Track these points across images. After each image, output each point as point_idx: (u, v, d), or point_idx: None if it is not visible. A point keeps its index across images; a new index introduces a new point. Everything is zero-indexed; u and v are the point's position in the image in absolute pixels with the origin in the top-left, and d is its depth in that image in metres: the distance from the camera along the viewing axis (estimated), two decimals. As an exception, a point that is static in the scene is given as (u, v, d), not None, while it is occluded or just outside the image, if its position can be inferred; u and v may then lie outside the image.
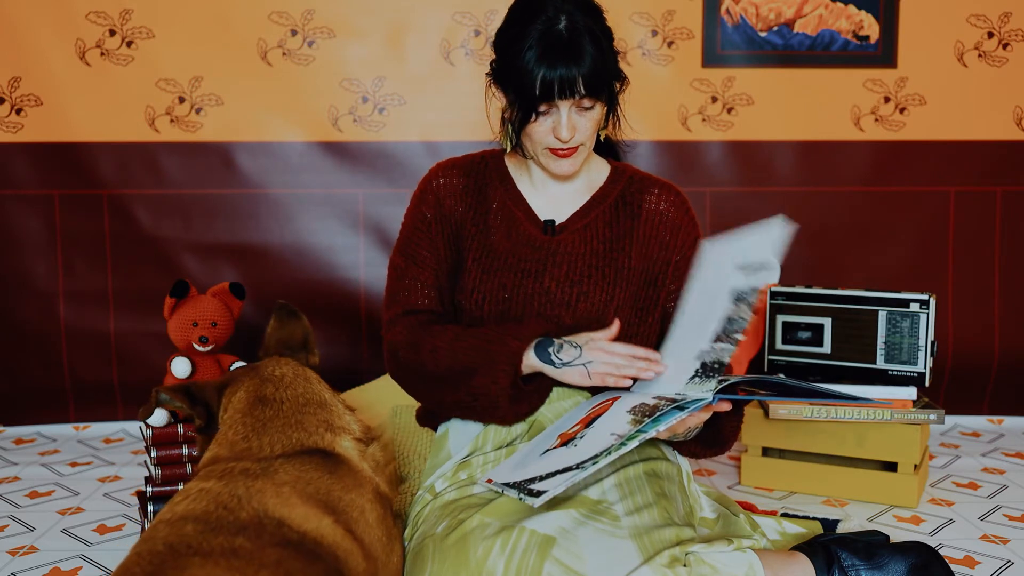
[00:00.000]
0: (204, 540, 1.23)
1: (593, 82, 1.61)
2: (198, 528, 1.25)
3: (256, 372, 1.59)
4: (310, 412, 1.52)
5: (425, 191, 1.80)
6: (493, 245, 1.75)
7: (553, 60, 1.58)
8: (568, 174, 1.72)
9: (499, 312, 1.72)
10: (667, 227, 1.79)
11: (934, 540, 2.01)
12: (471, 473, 1.68)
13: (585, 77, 1.60)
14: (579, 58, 1.59)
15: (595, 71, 1.61)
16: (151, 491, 1.95)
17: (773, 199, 2.89)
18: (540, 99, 1.61)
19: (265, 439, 1.46)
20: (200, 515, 1.28)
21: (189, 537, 1.23)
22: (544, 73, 1.59)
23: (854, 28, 2.82)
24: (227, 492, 1.32)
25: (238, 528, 1.26)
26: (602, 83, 1.64)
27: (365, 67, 2.83)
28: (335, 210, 2.87)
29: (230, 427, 1.49)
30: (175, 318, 2.07)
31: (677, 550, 1.46)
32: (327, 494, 1.39)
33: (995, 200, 2.89)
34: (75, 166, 2.80)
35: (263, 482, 1.36)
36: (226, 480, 1.36)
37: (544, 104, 1.62)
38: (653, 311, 1.79)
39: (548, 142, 1.67)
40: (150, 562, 1.19)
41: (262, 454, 1.43)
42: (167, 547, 1.22)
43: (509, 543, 1.45)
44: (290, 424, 1.49)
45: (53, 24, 2.74)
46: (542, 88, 1.59)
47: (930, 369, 2.21)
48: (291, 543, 1.28)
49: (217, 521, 1.27)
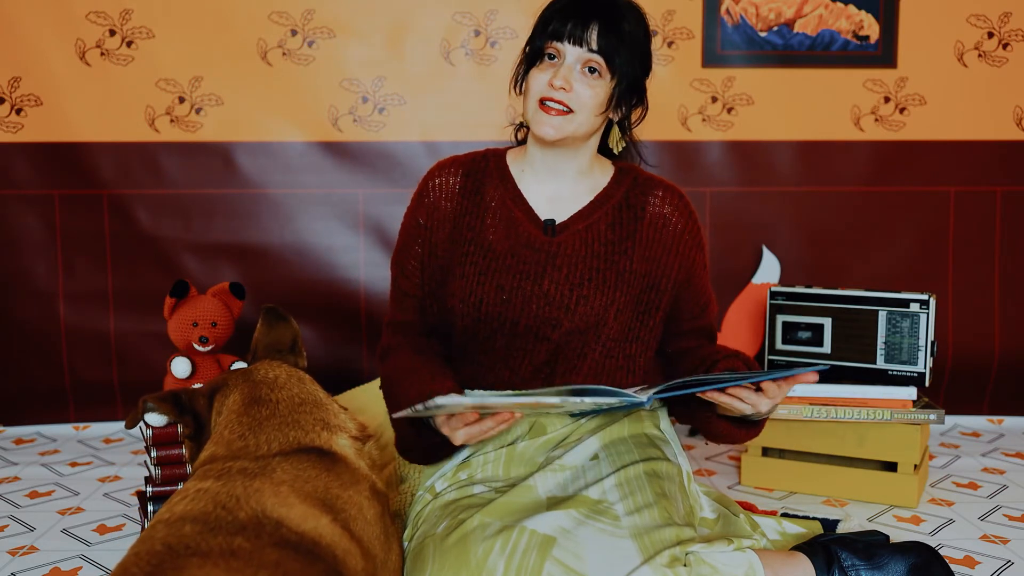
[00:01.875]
0: (203, 540, 1.23)
1: (609, 40, 1.60)
2: (196, 528, 1.25)
3: (248, 376, 1.59)
4: (306, 411, 1.53)
5: (422, 192, 1.80)
6: (491, 245, 1.73)
7: (575, 8, 1.59)
8: (549, 138, 1.67)
9: (497, 314, 1.70)
10: (669, 231, 1.77)
11: (934, 540, 2.01)
12: (471, 473, 1.68)
13: (602, 30, 1.59)
14: (602, 14, 1.59)
15: (615, 30, 1.60)
16: (151, 491, 1.95)
17: (773, 199, 2.89)
18: (550, 35, 1.60)
19: (262, 437, 1.46)
20: (198, 515, 1.28)
21: (187, 537, 1.23)
22: (562, 15, 1.59)
23: (854, 28, 2.82)
24: (225, 492, 1.32)
25: (237, 528, 1.26)
26: (618, 48, 1.62)
27: (365, 67, 2.83)
28: (335, 210, 2.87)
29: (226, 426, 1.50)
30: (175, 318, 2.07)
31: (677, 550, 1.46)
32: (325, 492, 1.40)
33: (995, 200, 2.89)
34: (75, 166, 2.80)
35: (261, 481, 1.36)
36: (224, 480, 1.36)
37: (552, 44, 1.61)
38: (655, 314, 1.77)
39: (542, 90, 1.64)
40: (148, 562, 1.19)
41: (259, 452, 1.44)
42: (165, 547, 1.22)
43: (509, 543, 1.45)
44: (286, 422, 1.49)
45: (53, 24, 2.74)
46: (555, 25, 1.59)
47: (930, 369, 2.21)
48: (290, 543, 1.28)
49: (216, 521, 1.27)
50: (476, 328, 1.72)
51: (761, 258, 2.86)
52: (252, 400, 1.53)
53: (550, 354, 1.71)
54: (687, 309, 1.81)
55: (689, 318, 1.82)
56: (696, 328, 1.83)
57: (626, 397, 1.47)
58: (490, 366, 1.73)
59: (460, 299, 1.72)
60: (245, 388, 1.55)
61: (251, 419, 1.49)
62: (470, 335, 1.73)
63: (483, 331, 1.72)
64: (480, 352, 1.74)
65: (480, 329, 1.72)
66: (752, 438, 1.74)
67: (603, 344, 1.72)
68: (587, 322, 1.70)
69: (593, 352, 1.72)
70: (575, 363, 1.72)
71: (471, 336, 1.73)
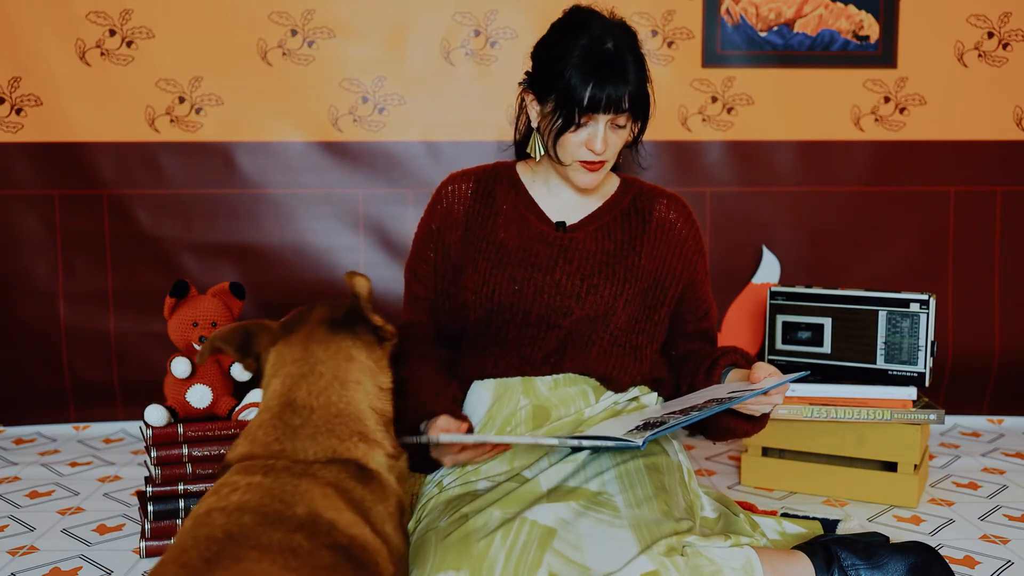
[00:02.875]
0: (262, 533, 1.22)
1: (636, 102, 1.70)
2: (256, 520, 1.23)
3: (304, 353, 1.48)
4: (341, 423, 1.46)
5: (436, 200, 1.88)
6: (504, 242, 1.80)
7: (602, 77, 1.66)
8: (591, 187, 1.78)
9: (509, 304, 1.76)
10: (675, 235, 1.85)
11: (934, 540, 2.01)
12: (477, 467, 1.71)
13: (631, 96, 1.68)
14: (625, 77, 1.68)
15: (639, 92, 1.70)
16: (151, 491, 1.95)
17: (773, 199, 2.89)
18: (586, 111, 1.67)
19: (298, 444, 1.41)
20: (256, 507, 1.26)
21: (247, 528, 1.22)
22: (593, 88, 1.66)
23: (854, 28, 2.82)
24: (278, 487, 1.30)
25: (296, 525, 1.25)
26: (643, 104, 1.73)
27: (365, 67, 2.83)
28: (335, 210, 2.87)
29: (259, 427, 1.44)
30: (175, 318, 2.07)
31: (675, 540, 1.48)
32: (362, 502, 1.38)
33: (995, 200, 2.89)
34: (75, 166, 2.80)
35: (308, 482, 1.33)
36: (272, 476, 1.33)
37: (587, 116, 1.68)
38: (660, 309, 1.83)
39: (580, 154, 1.73)
40: (207, 547, 1.18)
41: (297, 457, 1.39)
42: (226, 535, 1.21)
43: (510, 535, 1.48)
44: (321, 431, 1.43)
45: (53, 24, 2.74)
46: (590, 102, 1.66)
47: (930, 369, 2.22)
48: (341, 547, 1.26)
49: (275, 515, 1.25)
50: (489, 319, 1.77)
51: (761, 258, 2.86)
52: (287, 403, 1.45)
53: (560, 341, 1.76)
54: (691, 312, 1.89)
55: (693, 320, 1.89)
56: (699, 331, 1.90)
57: (622, 442, 1.51)
58: (501, 355, 1.78)
59: (472, 291, 1.77)
60: (289, 375, 1.47)
61: (284, 425, 1.43)
62: (483, 326, 1.78)
63: (496, 321, 1.77)
64: (493, 343, 1.79)
65: (493, 319, 1.77)
66: (758, 431, 1.81)
67: (611, 333, 1.78)
68: (596, 310, 1.76)
69: (601, 340, 1.77)
70: (584, 349, 1.77)
71: (484, 327, 1.78)
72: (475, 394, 1.80)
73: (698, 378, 1.81)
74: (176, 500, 1.95)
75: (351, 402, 1.47)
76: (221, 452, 1.97)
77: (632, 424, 1.61)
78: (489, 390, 1.79)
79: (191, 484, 1.95)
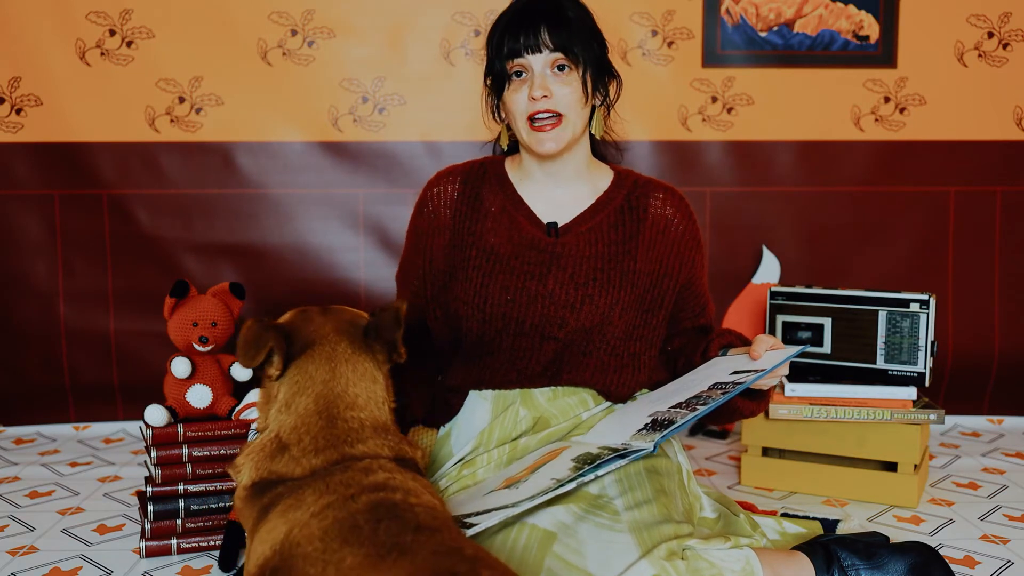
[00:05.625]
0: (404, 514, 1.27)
1: (562, 36, 1.61)
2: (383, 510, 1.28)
3: (332, 375, 1.49)
4: (387, 432, 1.49)
5: (422, 202, 1.84)
6: (494, 248, 1.75)
7: (520, 20, 1.61)
8: (551, 152, 1.70)
9: (501, 314, 1.72)
10: (672, 232, 1.80)
11: (934, 540, 2.01)
12: (474, 471, 1.70)
13: (552, 29, 1.60)
14: (549, 17, 1.61)
15: (563, 23, 1.62)
16: (151, 491, 1.95)
17: (773, 199, 2.89)
18: (507, 56, 1.62)
19: (358, 447, 1.43)
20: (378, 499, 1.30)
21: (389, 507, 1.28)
22: (512, 32, 1.61)
23: (854, 28, 2.82)
24: (381, 481, 1.35)
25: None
26: (573, 38, 1.64)
27: (365, 67, 2.83)
28: (335, 210, 2.87)
29: (310, 438, 1.44)
30: (175, 318, 2.07)
31: (675, 543, 1.47)
32: (434, 491, 1.44)
33: (995, 200, 2.89)
34: (75, 166, 2.80)
35: (401, 476, 1.38)
36: (361, 472, 1.37)
37: (516, 63, 1.62)
38: (658, 312, 1.80)
39: (527, 108, 1.66)
40: (373, 515, 1.26)
41: (354, 452, 1.42)
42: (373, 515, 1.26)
43: (510, 539, 1.47)
44: (374, 437, 1.46)
45: (53, 24, 2.74)
46: (510, 43, 1.61)
47: (930, 369, 2.22)
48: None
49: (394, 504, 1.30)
50: (482, 330, 1.74)
51: (761, 258, 2.86)
52: (329, 419, 1.45)
53: (556, 353, 1.74)
54: (688, 308, 1.86)
55: (691, 316, 1.87)
56: (697, 327, 1.88)
57: (634, 452, 1.51)
58: (497, 368, 1.75)
59: (464, 302, 1.74)
60: (321, 396, 1.47)
61: (329, 434, 1.44)
62: (477, 338, 1.75)
63: (489, 332, 1.74)
64: (487, 354, 1.76)
65: (486, 330, 1.74)
66: (763, 409, 1.83)
67: (608, 342, 1.75)
68: (592, 321, 1.72)
69: (598, 351, 1.75)
70: (581, 362, 1.75)
71: (478, 339, 1.75)
72: (472, 405, 1.78)
73: (695, 360, 1.80)
74: (176, 500, 1.95)
75: (388, 418, 1.52)
76: (221, 452, 1.97)
77: (636, 423, 1.60)
78: (487, 401, 1.77)
79: (191, 484, 1.95)
